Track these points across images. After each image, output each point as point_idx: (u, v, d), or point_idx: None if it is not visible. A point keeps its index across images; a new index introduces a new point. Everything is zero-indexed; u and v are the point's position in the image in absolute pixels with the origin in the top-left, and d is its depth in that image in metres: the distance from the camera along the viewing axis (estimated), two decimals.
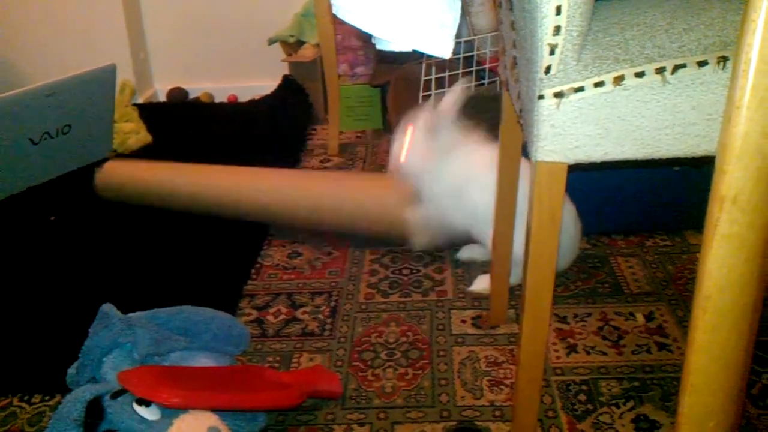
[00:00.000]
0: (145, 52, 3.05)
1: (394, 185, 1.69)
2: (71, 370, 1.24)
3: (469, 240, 1.67)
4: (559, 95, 0.87)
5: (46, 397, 1.36)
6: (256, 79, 3.00)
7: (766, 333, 1.41)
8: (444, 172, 1.60)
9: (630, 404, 1.27)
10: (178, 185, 1.91)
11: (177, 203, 1.89)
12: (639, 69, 0.85)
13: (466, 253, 1.68)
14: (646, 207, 1.76)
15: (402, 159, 1.62)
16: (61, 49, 2.88)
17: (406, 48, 0.86)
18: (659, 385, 1.30)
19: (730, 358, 0.66)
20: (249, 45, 2.97)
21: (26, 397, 1.36)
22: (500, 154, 1.31)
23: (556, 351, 1.41)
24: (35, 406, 1.34)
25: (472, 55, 2.15)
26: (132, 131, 2.45)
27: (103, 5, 2.82)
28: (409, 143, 1.61)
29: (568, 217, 1.53)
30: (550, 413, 1.26)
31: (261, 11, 2.92)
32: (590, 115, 0.87)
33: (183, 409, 1.10)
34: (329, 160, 2.36)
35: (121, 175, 1.99)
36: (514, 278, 1.51)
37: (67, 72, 2.14)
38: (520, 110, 1.05)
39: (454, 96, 1.59)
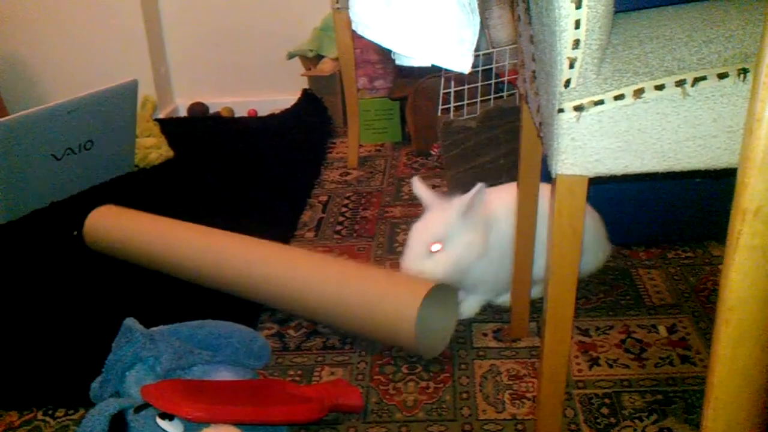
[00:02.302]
0: (165, 67, 3.08)
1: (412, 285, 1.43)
2: (95, 385, 1.25)
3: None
4: (578, 108, 0.87)
5: (70, 411, 1.37)
6: (275, 94, 3.02)
7: None
8: (493, 246, 1.48)
9: (653, 417, 1.26)
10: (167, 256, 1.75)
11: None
12: (659, 82, 0.85)
13: (501, 298, 1.60)
14: (667, 219, 1.75)
15: (431, 270, 1.45)
16: (83, 66, 2.91)
17: (425, 63, 0.87)
18: (682, 398, 1.29)
19: (754, 370, 0.66)
20: (268, 60, 2.99)
21: (50, 411, 1.37)
22: (520, 168, 1.31)
23: (578, 364, 1.40)
24: (59, 420, 1.35)
25: (491, 69, 2.15)
26: (153, 146, 2.47)
27: (124, 22, 2.86)
28: (444, 252, 1.44)
29: (588, 221, 1.53)
30: (573, 427, 1.25)
31: (280, 26, 2.94)
32: (610, 128, 0.87)
33: (206, 422, 1.10)
34: (348, 173, 2.37)
35: (106, 227, 1.88)
36: (535, 293, 1.51)
37: (89, 88, 2.16)
38: (540, 123, 1.05)
39: (477, 193, 1.43)
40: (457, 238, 1.44)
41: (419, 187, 1.52)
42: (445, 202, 1.48)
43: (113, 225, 1.87)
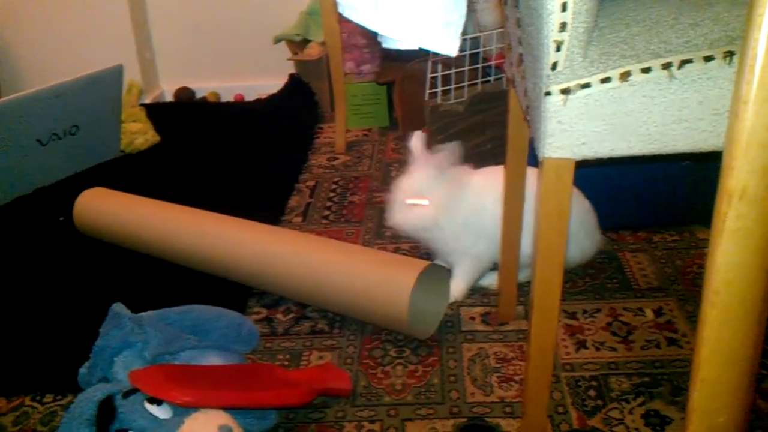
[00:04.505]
0: (151, 52, 3.05)
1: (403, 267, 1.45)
2: (83, 370, 1.25)
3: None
4: (565, 91, 0.87)
5: (58, 397, 1.37)
6: (262, 78, 3.01)
7: None
8: (460, 211, 1.55)
9: (640, 400, 1.27)
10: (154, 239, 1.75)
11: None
12: (645, 65, 0.85)
13: (488, 281, 1.62)
14: (653, 202, 1.76)
15: (410, 221, 1.55)
16: (68, 51, 2.89)
17: (413, 46, 0.87)
18: (669, 381, 1.30)
19: (739, 352, 0.66)
20: (255, 44, 2.98)
21: (38, 397, 1.37)
22: (507, 152, 1.31)
23: (566, 347, 1.41)
24: (47, 405, 1.35)
25: (478, 52, 2.15)
26: (139, 131, 2.46)
27: (109, 6, 2.83)
28: (409, 205, 1.54)
29: (577, 204, 1.54)
30: (560, 409, 1.26)
31: (267, 10, 2.92)
32: (597, 111, 0.87)
33: (194, 407, 1.10)
34: (336, 158, 2.37)
35: (97, 209, 1.88)
36: (522, 276, 1.51)
37: (74, 73, 2.15)
38: (527, 107, 1.05)
39: (450, 152, 1.53)
40: (431, 194, 1.53)
41: (415, 142, 1.59)
42: (427, 160, 1.55)
43: (104, 206, 1.86)
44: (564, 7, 0.84)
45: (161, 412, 1.09)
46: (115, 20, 2.85)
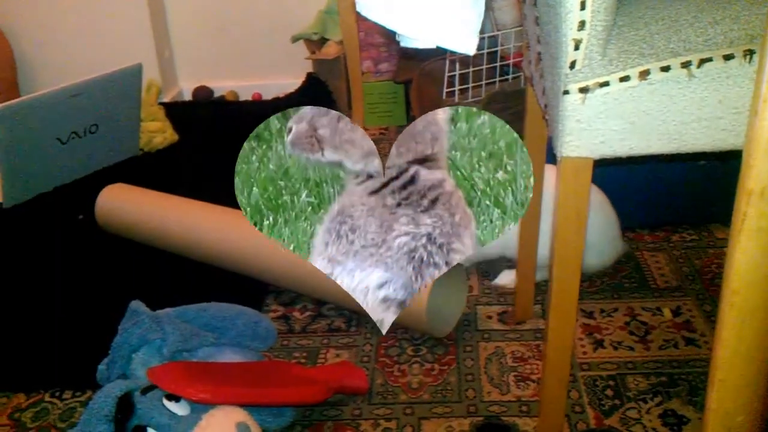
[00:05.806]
0: (170, 51, 3.07)
1: None
2: (101, 367, 1.26)
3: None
4: (584, 90, 0.87)
5: (77, 393, 1.38)
6: (280, 77, 3.01)
7: None
8: None
9: (657, 399, 1.26)
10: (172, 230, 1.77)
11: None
12: (664, 63, 0.85)
13: (505, 279, 1.62)
14: (671, 201, 1.75)
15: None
16: (87, 50, 2.90)
17: (430, 45, 0.87)
18: (687, 381, 1.30)
19: (758, 353, 0.66)
20: (273, 43, 2.98)
21: (57, 393, 1.38)
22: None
23: (583, 346, 1.41)
24: (66, 401, 1.36)
25: (496, 51, 2.15)
26: (158, 130, 2.47)
27: (128, 5, 2.85)
28: None
29: (601, 211, 1.53)
30: (577, 408, 1.25)
31: (284, 9, 2.93)
32: (616, 110, 0.87)
33: (212, 404, 1.11)
34: None
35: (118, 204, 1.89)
36: (540, 276, 1.51)
37: (93, 72, 2.16)
38: (545, 106, 1.05)
39: None
40: None
41: None
42: None
43: (126, 201, 1.88)
44: (583, 6, 0.83)
45: (179, 409, 1.09)
46: (134, 19, 2.87)
